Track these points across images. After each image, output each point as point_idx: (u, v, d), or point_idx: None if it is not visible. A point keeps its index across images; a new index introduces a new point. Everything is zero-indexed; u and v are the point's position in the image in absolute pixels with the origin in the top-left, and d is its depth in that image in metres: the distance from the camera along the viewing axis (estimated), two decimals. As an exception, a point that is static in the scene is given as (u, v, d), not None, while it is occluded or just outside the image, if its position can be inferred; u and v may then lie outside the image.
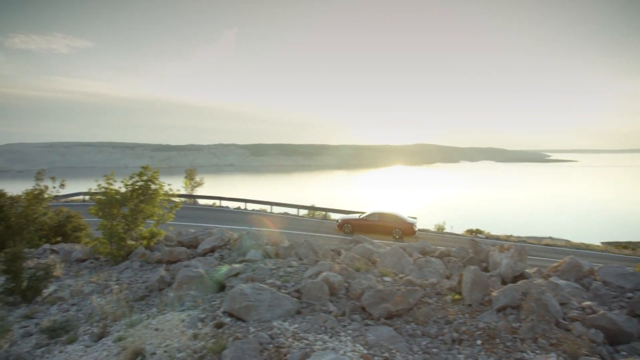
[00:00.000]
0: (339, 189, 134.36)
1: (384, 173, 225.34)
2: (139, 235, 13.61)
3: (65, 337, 7.66)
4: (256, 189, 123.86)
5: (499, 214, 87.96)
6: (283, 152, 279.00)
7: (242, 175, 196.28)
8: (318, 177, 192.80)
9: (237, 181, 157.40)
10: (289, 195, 74.46)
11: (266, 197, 44.14)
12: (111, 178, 13.57)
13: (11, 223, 18.70)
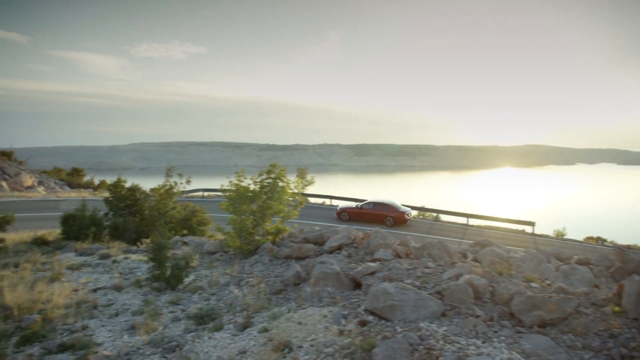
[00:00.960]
0: (447, 190, 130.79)
1: (492, 175, 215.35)
2: (265, 231, 14.14)
3: (211, 325, 8.11)
4: (362, 188, 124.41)
5: (620, 221, 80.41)
6: (386, 152, 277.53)
7: (346, 175, 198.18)
8: (423, 178, 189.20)
9: (342, 181, 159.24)
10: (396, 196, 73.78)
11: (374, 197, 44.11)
12: (241, 175, 14.23)
13: (145, 215, 20.34)
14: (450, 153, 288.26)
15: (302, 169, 15.93)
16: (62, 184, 51.33)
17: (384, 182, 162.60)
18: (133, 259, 14.07)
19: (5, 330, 8.88)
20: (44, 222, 23.33)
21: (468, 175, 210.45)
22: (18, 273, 12.67)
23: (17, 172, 43.67)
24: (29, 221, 24.62)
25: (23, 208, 28.98)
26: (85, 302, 10.18)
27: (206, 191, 39.02)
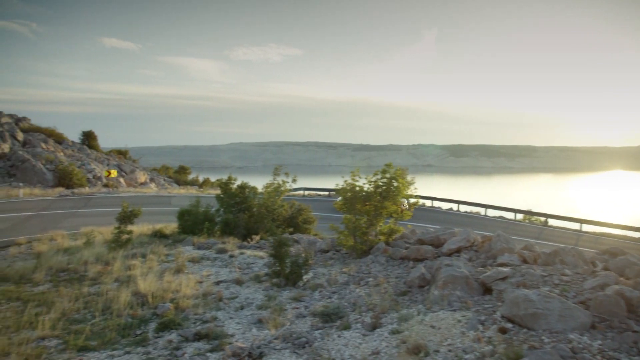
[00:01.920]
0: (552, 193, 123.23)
1: (602, 178, 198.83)
2: (378, 231, 14.08)
3: (338, 323, 8.16)
4: (457, 190, 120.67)
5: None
6: (484, 153, 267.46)
7: (441, 176, 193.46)
8: (524, 180, 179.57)
9: (436, 182, 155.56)
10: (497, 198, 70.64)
11: (474, 199, 42.61)
12: (356, 175, 14.28)
13: (253, 213, 21.04)
14: (552, 154, 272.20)
15: (402, 170, 15.67)
16: (170, 181, 54.64)
17: (481, 184, 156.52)
18: (248, 255, 14.59)
19: (143, 316, 9.53)
20: (158, 217, 24.83)
21: (573, 178, 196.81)
22: (146, 263, 13.60)
23: (132, 169, 47.10)
24: (146, 215, 26.34)
25: (140, 203, 31.05)
26: (210, 294, 10.69)
27: (307, 190, 39.73)
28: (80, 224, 21.80)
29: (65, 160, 39.97)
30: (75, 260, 14.15)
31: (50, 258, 14.32)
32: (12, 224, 21.90)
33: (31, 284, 12.43)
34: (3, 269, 13.45)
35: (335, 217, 27.14)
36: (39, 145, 41.55)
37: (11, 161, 37.32)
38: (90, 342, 8.23)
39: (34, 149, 40.36)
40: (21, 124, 47.58)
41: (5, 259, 15.32)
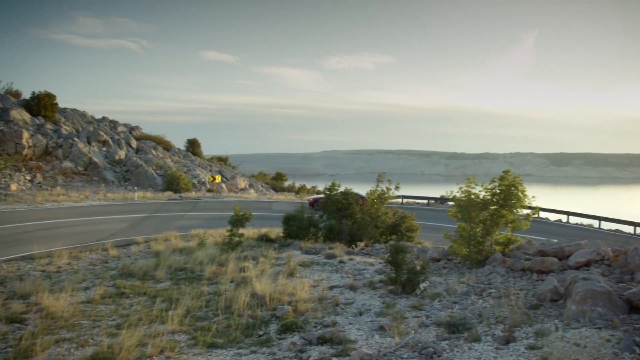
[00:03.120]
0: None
1: None
2: (493, 240, 13.46)
3: (466, 334, 7.81)
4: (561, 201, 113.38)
5: None
6: (589, 162, 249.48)
7: (542, 186, 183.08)
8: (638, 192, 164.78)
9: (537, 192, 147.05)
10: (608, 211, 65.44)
11: (587, 210, 39.74)
12: (472, 181, 13.78)
13: (357, 219, 21.00)
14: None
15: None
16: (267, 187, 56.17)
17: (587, 195, 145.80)
18: (358, 261, 14.54)
19: (263, 317, 9.73)
20: (261, 221, 25.40)
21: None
22: (258, 266, 13.94)
23: (232, 175, 48.99)
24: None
25: (244, 208, 32.19)
26: (326, 298, 10.71)
27: (405, 198, 39.16)
28: (190, 226, 22.91)
29: (173, 166, 42.40)
30: (191, 261, 14.84)
31: (168, 257, 15.12)
32: (130, 224, 23.44)
33: (154, 280, 13.19)
34: (128, 266, 14.41)
35: (437, 227, 26.49)
36: (150, 152, 44.43)
37: (127, 166, 40.22)
38: (217, 339, 8.52)
39: (145, 155, 43.22)
40: (134, 132, 51.20)
41: (128, 256, 16.41)
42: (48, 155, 37.69)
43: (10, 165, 34.08)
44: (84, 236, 19.55)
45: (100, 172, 37.95)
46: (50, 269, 14.32)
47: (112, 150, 41.45)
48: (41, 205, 28.16)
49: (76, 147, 38.28)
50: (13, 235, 19.19)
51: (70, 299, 10.85)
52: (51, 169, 36.43)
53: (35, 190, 32.11)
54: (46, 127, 40.62)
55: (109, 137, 43.86)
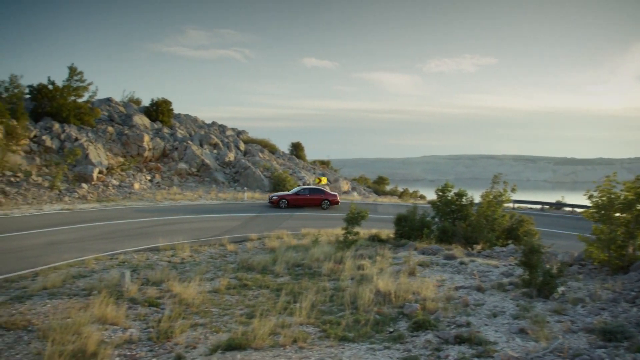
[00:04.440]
0: None
1: None
2: (638, 245, 12.19)
3: (626, 344, 7.01)
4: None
5: None
6: None
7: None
8: None
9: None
10: None
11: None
12: (613, 180, 12.60)
13: (471, 221, 20.11)
14: None
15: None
16: (369, 191, 55.93)
17: None
18: (480, 262, 13.82)
19: (389, 314, 9.44)
20: (368, 223, 25.10)
21: None
22: (375, 264, 13.68)
23: (335, 178, 49.30)
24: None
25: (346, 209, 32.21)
26: (453, 298, 10.21)
27: (517, 202, 37.18)
28: (298, 225, 23.15)
29: (279, 168, 43.45)
30: (307, 257, 14.91)
31: (284, 253, 15.30)
32: (242, 223, 24.18)
33: (273, 274, 13.37)
34: (246, 260, 14.77)
35: (554, 233, 24.75)
36: (257, 155, 45.90)
37: (235, 168, 41.83)
38: (347, 333, 8.35)
39: (253, 157, 44.71)
40: (241, 136, 53.17)
41: (245, 251, 16.83)
42: (165, 157, 40.13)
43: (134, 166, 36.66)
44: (201, 232, 20.39)
45: (211, 173, 39.73)
46: (175, 260, 15.02)
47: (222, 153, 43.32)
48: (160, 203, 29.97)
49: (190, 149, 40.41)
50: (139, 229, 20.49)
51: (197, 288, 11.24)
52: (168, 169, 38.72)
53: (154, 189, 34.26)
54: (163, 131, 43.31)
55: (219, 140, 45.90)
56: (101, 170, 33.06)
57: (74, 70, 39.14)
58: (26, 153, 32.01)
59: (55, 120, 36.79)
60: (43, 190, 28.37)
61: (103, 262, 14.27)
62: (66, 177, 30.95)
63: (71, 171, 31.82)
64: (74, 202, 28.10)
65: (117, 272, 12.47)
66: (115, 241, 17.64)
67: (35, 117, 36.59)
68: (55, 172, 30.44)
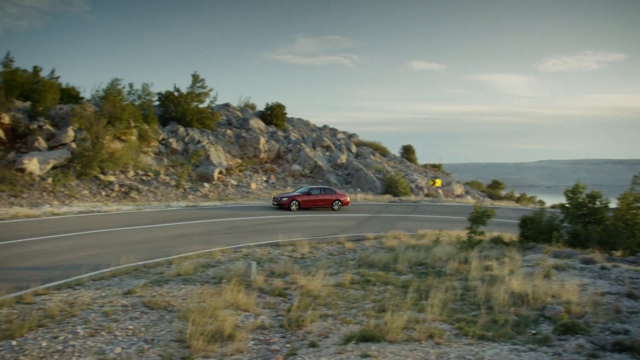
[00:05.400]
0: None
1: None
2: None
3: None
4: None
5: None
6: None
7: None
8: None
9: None
10: None
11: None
12: None
13: (607, 225, 18.39)
14: None
15: None
16: (483, 195, 53.68)
17: None
18: (626, 268, 12.50)
19: (528, 316, 8.75)
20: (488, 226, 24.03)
21: None
22: (504, 266, 12.87)
23: (448, 181, 47.89)
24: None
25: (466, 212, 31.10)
26: (600, 304, 9.25)
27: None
28: (414, 227, 22.61)
29: (391, 170, 43.02)
30: (430, 256, 14.44)
31: (403, 252, 14.93)
32: (356, 223, 24.12)
33: (395, 272, 13.05)
34: (366, 257, 14.61)
35: None
36: (368, 157, 45.83)
37: (347, 170, 42.05)
38: (486, 332, 7.82)
39: (364, 160, 44.70)
40: (352, 139, 53.43)
41: (363, 249, 16.68)
42: (279, 158, 41.34)
43: (250, 167, 38.14)
44: (317, 230, 20.59)
45: (324, 175, 40.23)
46: (295, 255, 15.21)
47: (334, 155, 43.76)
48: (276, 202, 30.80)
49: (303, 151, 41.25)
50: (259, 226, 21.16)
51: (322, 282, 11.23)
52: (282, 171, 39.81)
53: (270, 189, 35.35)
54: (278, 134, 44.69)
55: (331, 142, 46.45)
56: (221, 170, 34.74)
57: (197, 77, 41.69)
58: (155, 154, 34.49)
59: (180, 124, 39.37)
60: (170, 189, 30.35)
61: (228, 254, 14.82)
62: (190, 177, 32.88)
63: (194, 171, 33.77)
64: (197, 199, 29.77)
65: (242, 264, 12.89)
66: (237, 236, 18.32)
67: (163, 122, 39.38)
68: (181, 172, 32.46)
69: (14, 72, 35.74)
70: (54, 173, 26.76)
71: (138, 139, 33.44)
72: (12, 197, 23.53)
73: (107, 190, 27.99)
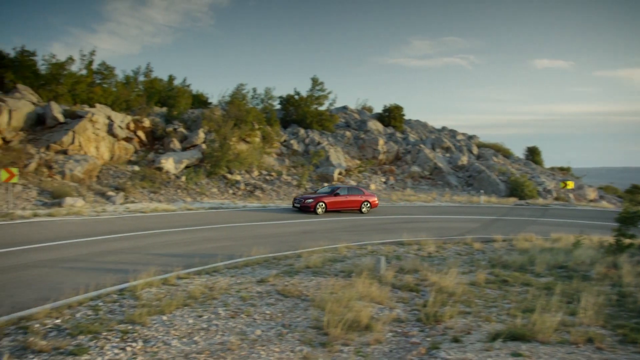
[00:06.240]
0: None
1: None
2: None
3: None
4: None
5: None
6: None
7: None
8: None
9: None
10: None
11: None
12: None
13: None
14: None
15: None
16: (620, 201, 49.06)
17: None
18: None
19: None
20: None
21: None
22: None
23: (579, 185, 44.35)
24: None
25: (605, 217, 28.61)
26: None
27: None
28: (545, 230, 21.05)
29: (516, 172, 40.71)
30: (571, 260, 13.30)
31: (539, 255, 13.90)
32: (481, 225, 23.01)
33: (532, 274, 12.15)
34: (498, 258, 13.79)
35: None
36: (491, 159, 43.75)
37: (469, 172, 40.45)
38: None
39: (486, 161, 42.74)
40: (472, 140, 51.42)
41: (492, 250, 15.80)
42: (398, 160, 40.82)
43: (369, 168, 38.08)
44: (441, 231, 19.91)
45: (444, 177, 39.05)
46: (422, 254, 14.75)
47: (455, 156, 42.33)
48: (396, 203, 30.45)
49: (422, 153, 40.38)
50: (380, 225, 20.96)
51: (454, 280, 10.71)
52: (401, 172, 39.25)
53: (389, 191, 35.00)
54: (396, 135, 44.20)
55: (451, 144, 45.03)
56: (340, 171, 35.01)
57: (316, 81, 42.53)
58: (278, 155, 35.64)
59: (300, 126, 40.37)
60: (292, 188, 31.14)
61: (353, 251, 14.75)
62: (311, 177, 33.50)
63: (315, 172, 34.39)
64: (317, 199, 30.28)
65: (370, 259, 12.74)
66: (360, 234, 18.24)
67: (284, 124, 40.62)
68: (302, 172, 33.20)
69: (153, 81, 39.01)
70: (187, 172, 28.59)
71: (261, 140, 34.79)
72: (151, 193, 25.47)
73: (233, 188, 29.36)
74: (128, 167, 27.36)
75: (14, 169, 19.49)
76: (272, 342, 6.91)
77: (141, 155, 29.44)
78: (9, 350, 6.21)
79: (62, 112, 27.37)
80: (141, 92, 36.90)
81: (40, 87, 30.20)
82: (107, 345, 6.51)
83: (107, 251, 12.96)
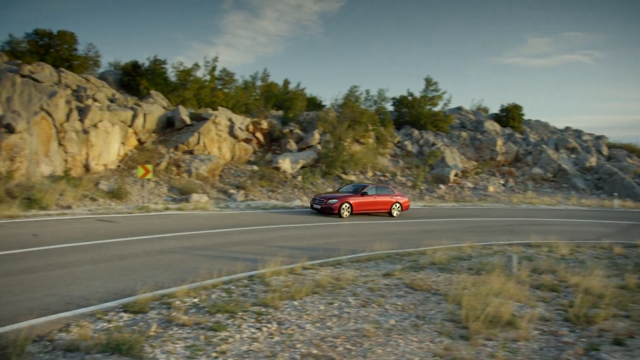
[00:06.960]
0: None
1: None
2: None
3: None
4: None
5: None
6: None
7: None
8: None
9: None
10: None
11: None
12: None
13: None
14: None
15: None
16: None
17: None
18: None
19: None
20: None
21: None
22: None
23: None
24: None
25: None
26: None
27: None
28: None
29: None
30: None
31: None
32: (616, 230, 21.13)
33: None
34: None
35: None
36: (624, 160, 39.97)
37: (598, 174, 37.23)
38: None
39: (619, 163, 39.11)
40: (601, 140, 47.39)
41: (637, 256, 14.33)
42: (518, 161, 38.64)
43: (487, 169, 36.43)
44: (571, 234, 18.47)
45: (569, 179, 36.30)
46: (554, 256, 13.71)
47: (582, 158, 39.20)
48: (517, 205, 28.82)
49: (545, 153, 37.87)
50: (504, 227, 19.91)
51: (598, 282, 9.73)
52: (521, 174, 37.09)
53: (509, 193, 33.21)
54: (515, 135, 41.91)
55: (577, 144, 41.83)
56: (457, 172, 33.84)
57: (430, 81, 41.59)
58: (391, 156, 35.25)
59: (414, 127, 39.65)
60: (407, 189, 30.59)
61: (478, 250, 14.08)
62: (425, 178, 32.73)
63: (430, 173, 33.56)
64: (433, 200, 29.44)
65: (499, 258, 12.06)
66: (482, 235, 17.40)
67: (398, 125, 40.11)
68: (416, 173, 32.53)
69: (270, 85, 40.43)
70: (303, 172, 29.13)
71: (375, 141, 34.61)
72: (270, 191, 26.24)
73: (348, 189, 29.47)
74: (247, 167, 28.45)
75: (149, 166, 20.97)
76: (408, 331, 6.64)
77: (259, 155, 30.50)
78: (156, 322, 6.52)
79: (188, 115, 29.12)
80: (259, 96, 38.36)
81: (169, 93, 32.44)
82: (243, 324, 6.64)
83: (233, 242, 13.44)
